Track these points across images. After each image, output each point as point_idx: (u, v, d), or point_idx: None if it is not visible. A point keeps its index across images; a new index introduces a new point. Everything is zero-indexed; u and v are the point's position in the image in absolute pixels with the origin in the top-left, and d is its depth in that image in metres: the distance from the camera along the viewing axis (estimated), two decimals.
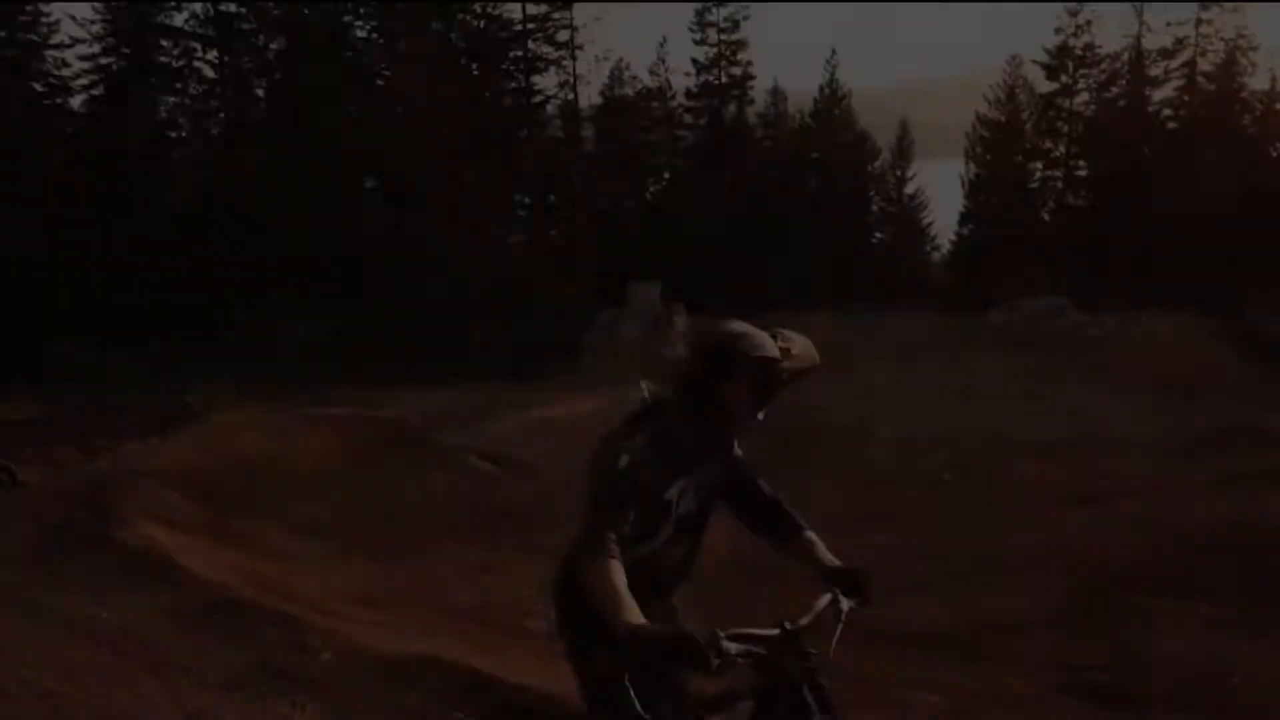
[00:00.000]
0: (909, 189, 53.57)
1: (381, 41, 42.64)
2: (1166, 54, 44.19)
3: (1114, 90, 45.84)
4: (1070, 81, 46.66)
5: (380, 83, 42.33)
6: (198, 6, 43.27)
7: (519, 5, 43.43)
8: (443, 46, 41.43)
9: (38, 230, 38.16)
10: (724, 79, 49.38)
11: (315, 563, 8.14)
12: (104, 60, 43.40)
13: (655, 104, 50.38)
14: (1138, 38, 44.48)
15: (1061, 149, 48.13)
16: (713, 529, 2.95)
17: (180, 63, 44.15)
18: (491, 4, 43.58)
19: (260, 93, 44.75)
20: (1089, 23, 45.41)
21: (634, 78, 50.40)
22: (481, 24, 43.64)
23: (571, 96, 46.63)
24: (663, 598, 2.95)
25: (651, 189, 52.22)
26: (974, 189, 49.76)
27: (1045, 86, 47.57)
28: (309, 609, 6.08)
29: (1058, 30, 46.17)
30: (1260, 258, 41.51)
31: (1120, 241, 44.40)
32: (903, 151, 53.07)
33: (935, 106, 51.16)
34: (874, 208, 54.34)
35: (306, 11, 42.50)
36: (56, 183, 40.48)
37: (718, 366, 2.78)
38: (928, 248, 55.15)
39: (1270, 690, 4.37)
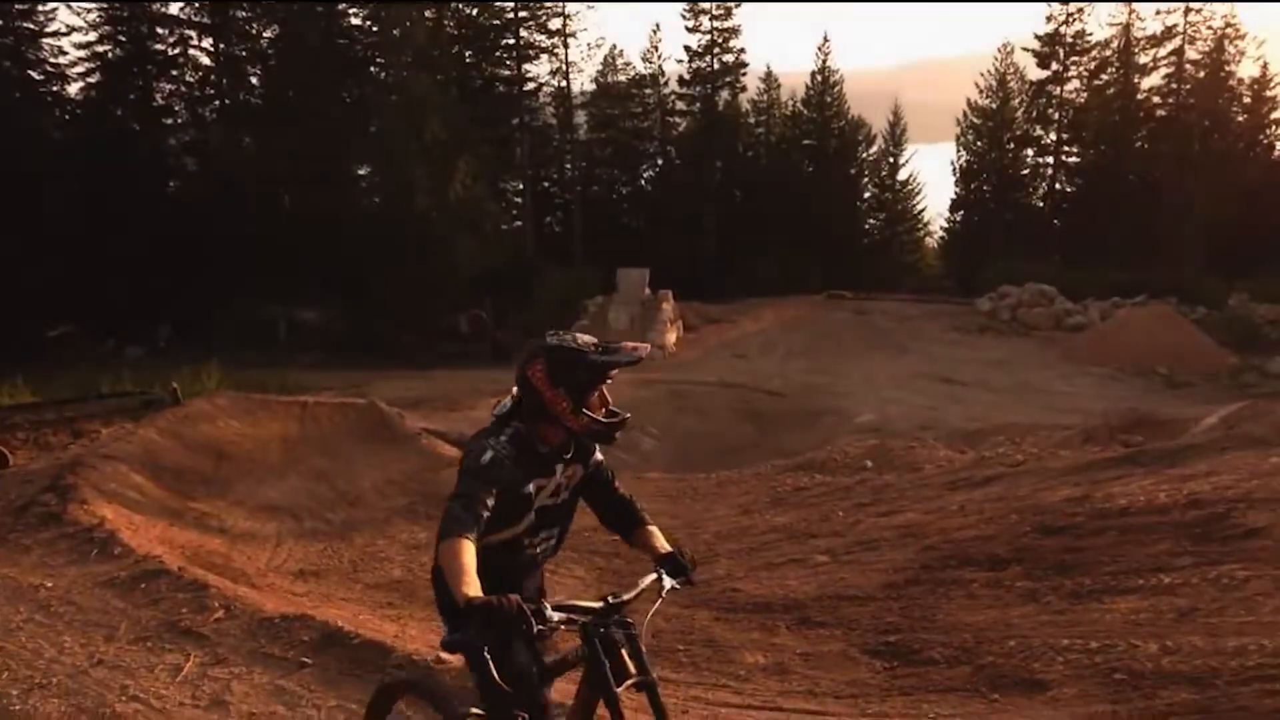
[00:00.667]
0: (902, 175, 53.79)
1: (375, 29, 42.90)
2: (1155, 41, 44.38)
3: (1104, 78, 46.00)
4: (1061, 69, 46.85)
5: (373, 70, 42.68)
6: None
7: None
8: (436, 34, 41.76)
9: (35, 216, 38.57)
10: (716, 66, 49.58)
11: (265, 540, 8.65)
12: (100, 48, 43.77)
13: (648, 91, 50.65)
14: (1127, 25, 44.66)
15: (1052, 136, 48.35)
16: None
17: (175, 50, 44.54)
18: None
19: (255, 80, 45.15)
20: (1080, 10, 45.57)
21: (628, 64, 50.88)
22: (474, 12, 43.97)
23: (564, 84, 46.94)
24: (530, 576, 3.39)
25: (645, 176, 52.50)
26: (965, 176, 50.02)
27: (1037, 73, 47.83)
28: (236, 580, 6.62)
29: (1049, 18, 46.40)
30: (1246, 246, 41.81)
31: (1109, 229, 44.67)
32: (895, 137, 53.22)
33: (940, 87, 51.07)
34: (867, 194, 54.49)
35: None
36: (53, 169, 40.88)
37: (525, 363, 3.21)
38: (920, 234, 55.40)
39: (1037, 650, 4.84)
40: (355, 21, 43.51)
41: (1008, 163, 49.21)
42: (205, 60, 44.88)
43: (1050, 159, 48.73)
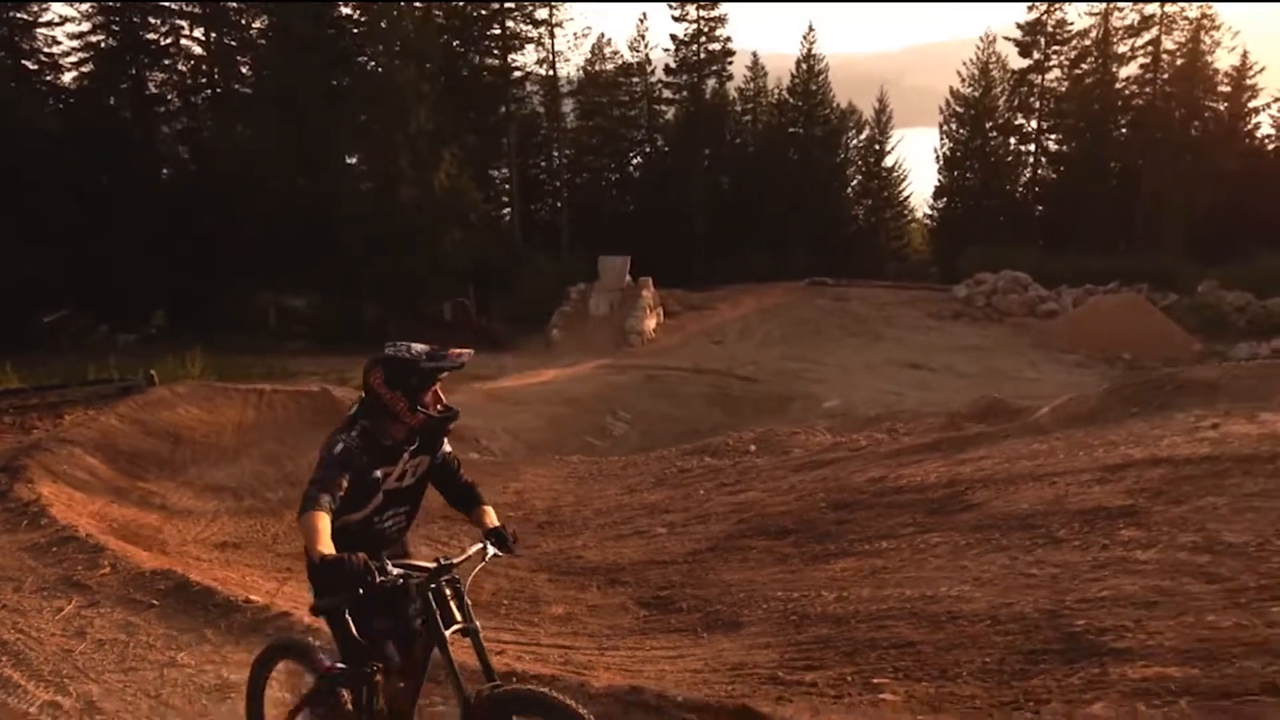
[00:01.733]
0: (889, 161, 54.17)
1: (364, 19, 43.47)
2: (1133, 31, 44.78)
3: (1084, 67, 46.45)
4: (1042, 58, 47.32)
5: (363, 60, 43.25)
6: None
7: None
8: (423, 25, 42.32)
9: (30, 204, 39.25)
10: (703, 55, 50.07)
11: (200, 516, 9.44)
12: (94, 38, 44.35)
13: (635, 79, 51.17)
14: (1106, 15, 45.05)
15: (1034, 124, 48.86)
16: None
17: (168, 40, 45.17)
18: None
19: (245, 69, 45.82)
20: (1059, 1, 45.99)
21: (615, 53, 51.37)
22: (461, 3, 44.55)
23: (550, 73, 47.48)
24: (388, 547, 4.01)
25: (633, 164, 53.09)
26: (948, 164, 50.54)
27: (1019, 62, 48.27)
28: (151, 548, 7.42)
29: (1031, 7, 46.78)
30: (1221, 233, 42.35)
31: (1088, 216, 45.24)
32: (882, 124, 53.60)
33: (945, 71, 50.92)
34: (854, 181, 54.99)
35: None
36: (47, 157, 41.54)
37: (368, 370, 3.93)
38: (907, 220, 55.84)
39: (754, 600, 5.67)
40: (346, 11, 44.26)
41: (990, 150, 49.72)
42: (197, 50, 45.58)
43: (1032, 147, 49.26)
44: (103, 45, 44.44)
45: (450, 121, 38.85)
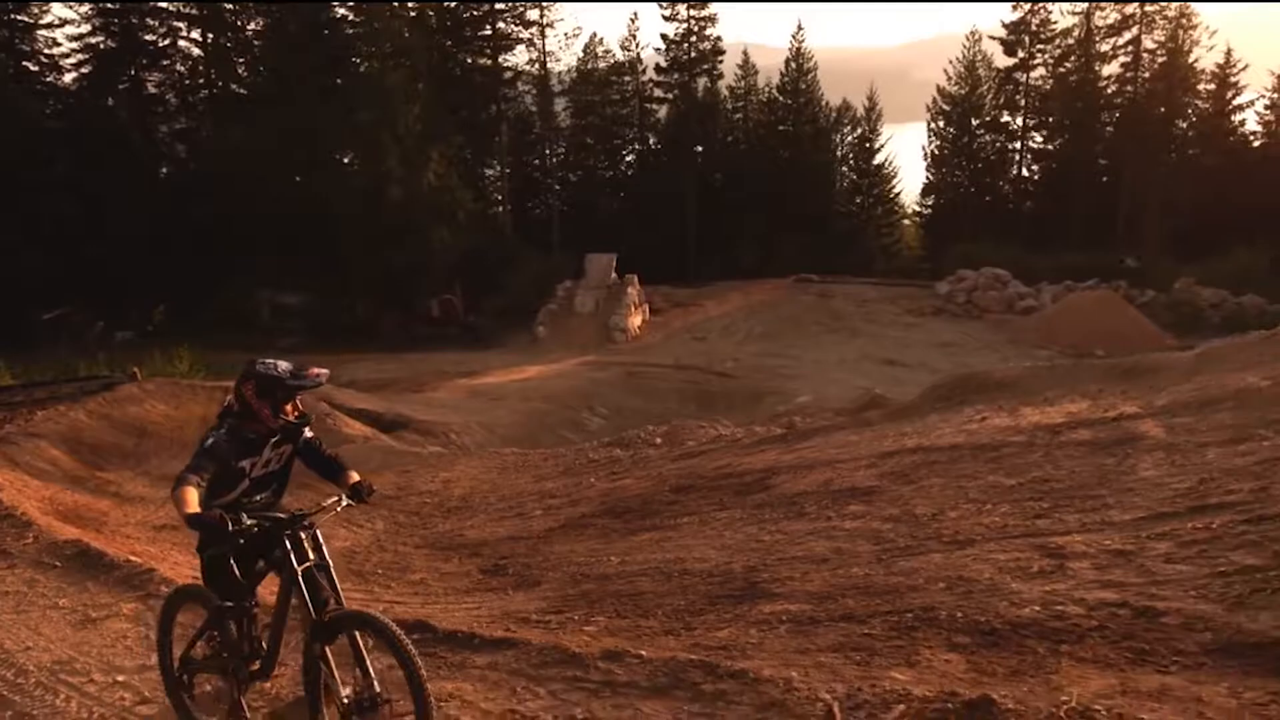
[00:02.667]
0: (879, 158, 54.62)
1: (358, 19, 44.21)
2: (1114, 30, 45.29)
3: (1067, 66, 46.97)
4: (1027, 56, 47.85)
5: (356, 61, 44.01)
6: None
7: None
8: (416, 25, 43.12)
9: (30, 202, 40.10)
10: (693, 54, 50.68)
11: (150, 503, 10.19)
12: (93, 40, 45.23)
13: (627, 78, 51.82)
14: (1088, 14, 45.56)
15: (1019, 122, 49.41)
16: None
17: (165, 41, 46.02)
18: None
19: (242, 70, 46.63)
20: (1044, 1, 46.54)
21: (607, 52, 52.05)
22: (453, 4, 45.31)
23: (542, 73, 48.18)
24: (298, 522, 4.81)
25: (625, 162, 53.74)
26: (936, 161, 51.10)
27: (1004, 61, 48.82)
28: (86, 528, 8.22)
29: (1015, 6, 47.32)
30: (1203, 230, 42.82)
31: (1072, 213, 45.77)
32: (871, 121, 54.00)
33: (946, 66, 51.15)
34: (844, 179, 55.50)
35: None
36: (47, 156, 42.40)
37: (240, 381, 4.68)
38: (897, 216, 56.30)
39: (558, 564, 6.57)
40: (341, 12, 45.04)
41: (977, 148, 50.27)
42: (195, 51, 46.44)
43: (1018, 144, 49.81)
44: (102, 46, 45.32)
45: (440, 121, 39.59)
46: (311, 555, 4.40)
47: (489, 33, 46.41)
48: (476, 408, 26.31)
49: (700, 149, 52.93)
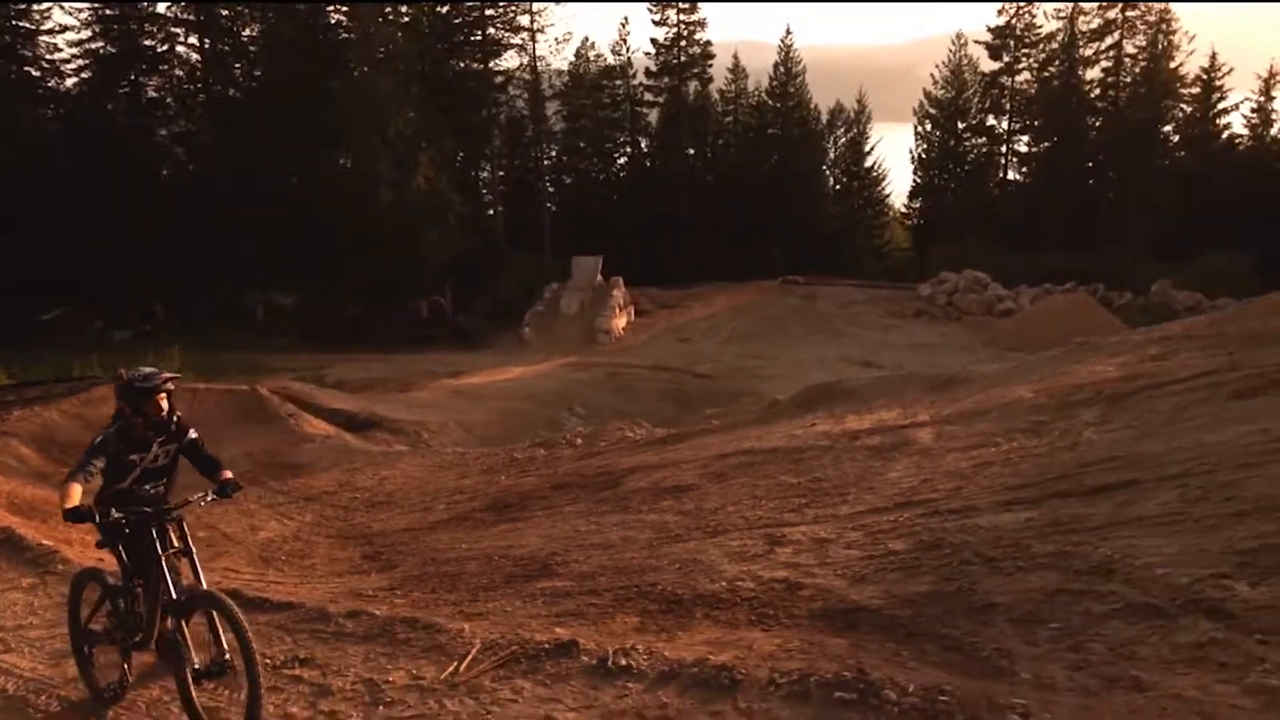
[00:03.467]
0: (869, 161, 55.22)
1: (351, 24, 45.00)
2: (1096, 35, 45.89)
3: (1051, 70, 47.61)
4: (1012, 61, 48.48)
5: (350, 66, 44.80)
6: None
7: None
8: (409, 31, 43.94)
9: (31, 205, 40.92)
10: (683, 58, 51.38)
11: None
12: (93, 45, 46.11)
13: (618, 82, 52.53)
14: (1071, 19, 46.17)
15: (1004, 125, 50.05)
16: None
17: (164, 47, 46.92)
18: None
19: (238, 74, 47.50)
20: (1030, 5, 47.19)
21: (599, 56, 52.75)
22: (444, 10, 46.12)
23: (533, 77, 48.95)
24: (150, 504, 5.52)
25: (617, 164, 54.45)
26: (922, 164, 51.74)
27: (989, 65, 49.46)
28: (32, 518, 9.04)
29: (1000, 11, 47.98)
30: (1184, 233, 43.40)
31: (1056, 216, 46.41)
32: (861, 123, 54.57)
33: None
34: (833, 180, 56.13)
35: None
36: (48, 160, 43.25)
37: (116, 388, 5.47)
38: (887, 218, 56.84)
39: (423, 550, 7.36)
40: (336, 18, 45.89)
41: (963, 151, 50.90)
42: (193, 56, 47.33)
43: (1003, 148, 50.43)
44: (102, 52, 46.20)
45: (431, 125, 40.35)
46: (176, 543, 5.18)
47: (479, 38, 47.18)
48: (457, 407, 27.05)
49: (691, 151, 53.73)
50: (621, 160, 54.40)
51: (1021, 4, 47.27)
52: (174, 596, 5.06)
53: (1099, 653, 4.18)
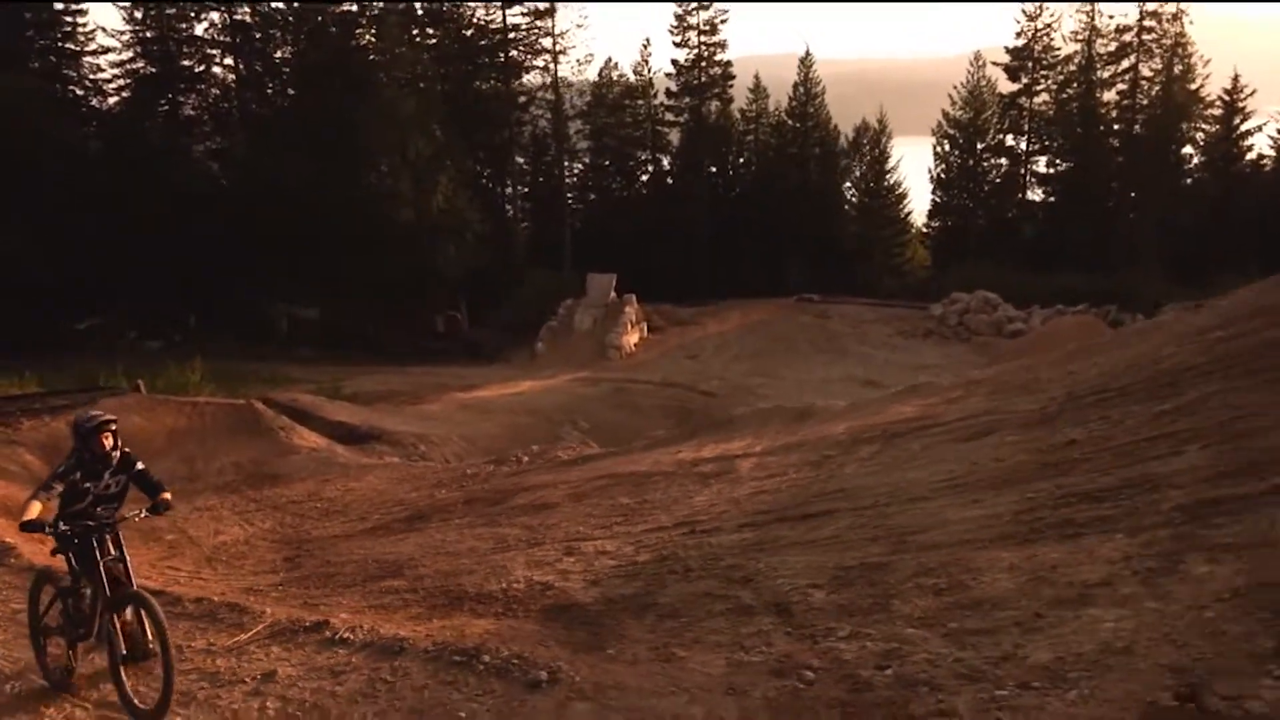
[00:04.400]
0: (889, 179, 55.47)
1: (380, 45, 46.39)
2: (1114, 57, 46.04)
3: (1069, 92, 47.79)
4: (1030, 82, 48.72)
5: (374, 86, 46.18)
6: (215, 16, 47.54)
7: (501, 13, 47.34)
8: (432, 52, 45.27)
9: (71, 216, 42.53)
10: (703, 78, 52.21)
11: None
12: (133, 65, 47.97)
13: (640, 101, 53.46)
14: (1089, 41, 46.36)
15: (1023, 146, 50.24)
16: None
17: (200, 68, 48.68)
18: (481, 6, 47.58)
19: (271, 93, 49.12)
20: (1048, 26, 47.47)
21: (621, 76, 53.71)
22: (469, 32, 47.43)
23: (555, 97, 50.06)
24: (106, 524, 6.54)
25: (638, 183, 55.32)
26: (940, 184, 52.03)
27: (1007, 85, 49.73)
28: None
29: (1019, 33, 48.26)
30: (1203, 255, 43.31)
31: (1073, 237, 46.51)
32: (880, 142, 54.88)
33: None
34: (853, 199, 56.51)
35: (319, 19, 47.16)
36: (87, 174, 44.96)
37: (71, 427, 6.41)
38: (908, 236, 57.04)
39: (339, 555, 8.17)
40: (367, 39, 47.30)
41: (981, 171, 51.17)
42: (228, 76, 49.05)
43: (1022, 168, 50.61)
44: (142, 72, 48.03)
45: (452, 144, 41.52)
46: (112, 551, 6.18)
47: (502, 59, 48.41)
48: (463, 420, 27.95)
49: (714, 169, 54.50)
50: (643, 178, 55.24)
51: (1039, 26, 47.57)
52: (108, 595, 5.99)
53: (685, 638, 5.31)
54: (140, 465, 6.58)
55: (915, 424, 9.73)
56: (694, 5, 51.21)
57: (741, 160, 55.40)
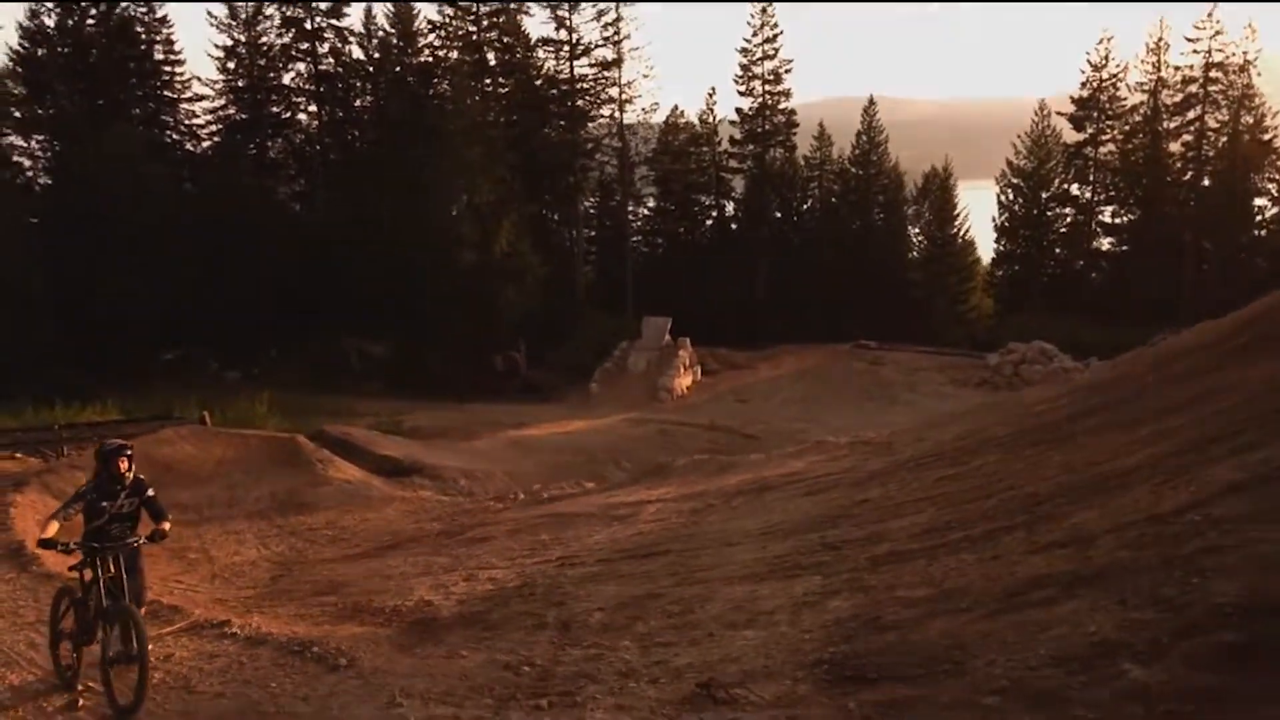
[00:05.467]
0: (952, 228, 55.37)
1: (452, 95, 48.53)
2: (1179, 109, 45.62)
3: (1134, 143, 47.44)
4: (1096, 132, 48.50)
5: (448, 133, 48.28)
6: (301, 66, 50.40)
7: (569, 65, 49.23)
8: (502, 101, 47.24)
9: (162, 253, 45.14)
10: (767, 127, 53.19)
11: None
12: (225, 112, 51.01)
13: (705, 149, 54.63)
14: (1154, 92, 46.04)
15: (1087, 195, 49.89)
16: None
17: (286, 114, 51.51)
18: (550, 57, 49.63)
19: (351, 139, 51.70)
20: (1114, 76, 47.28)
21: (688, 123, 54.94)
22: (538, 82, 49.36)
23: (620, 144, 51.58)
24: (122, 542, 7.70)
25: (703, 227, 56.32)
26: (1004, 232, 51.89)
27: (1073, 135, 49.54)
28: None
29: (1084, 83, 48.13)
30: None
31: (1138, 288, 45.93)
32: (944, 189, 54.86)
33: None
34: (919, 245, 56.52)
35: (397, 69, 49.71)
36: (182, 215, 47.72)
37: (95, 453, 7.59)
38: (972, 284, 56.67)
39: (309, 576, 9.09)
40: (445, 88, 49.55)
41: (1046, 220, 50.91)
42: (312, 123, 51.79)
43: (1086, 218, 50.21)
44: (233, 118, 51.04)
45: (516, 190, 43.21)
46: (112, 569, 7.23)
47: (569, 108, 50.16)
48: (509, 457, 29.00)
49: (779, 215, 55.22)
50: (707, 223, 56.23)
51: (1104, 76, 47.42)
52: (103, 607, 7.08)
53: (481, 643, 6.64)
54: (150, 492, 7.68)
55: (788, 479, 10.62)
56: (759, 55, 52.38)
57: (805, 206, 56.03)
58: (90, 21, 47.56)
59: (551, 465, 28.70)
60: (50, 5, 46.14)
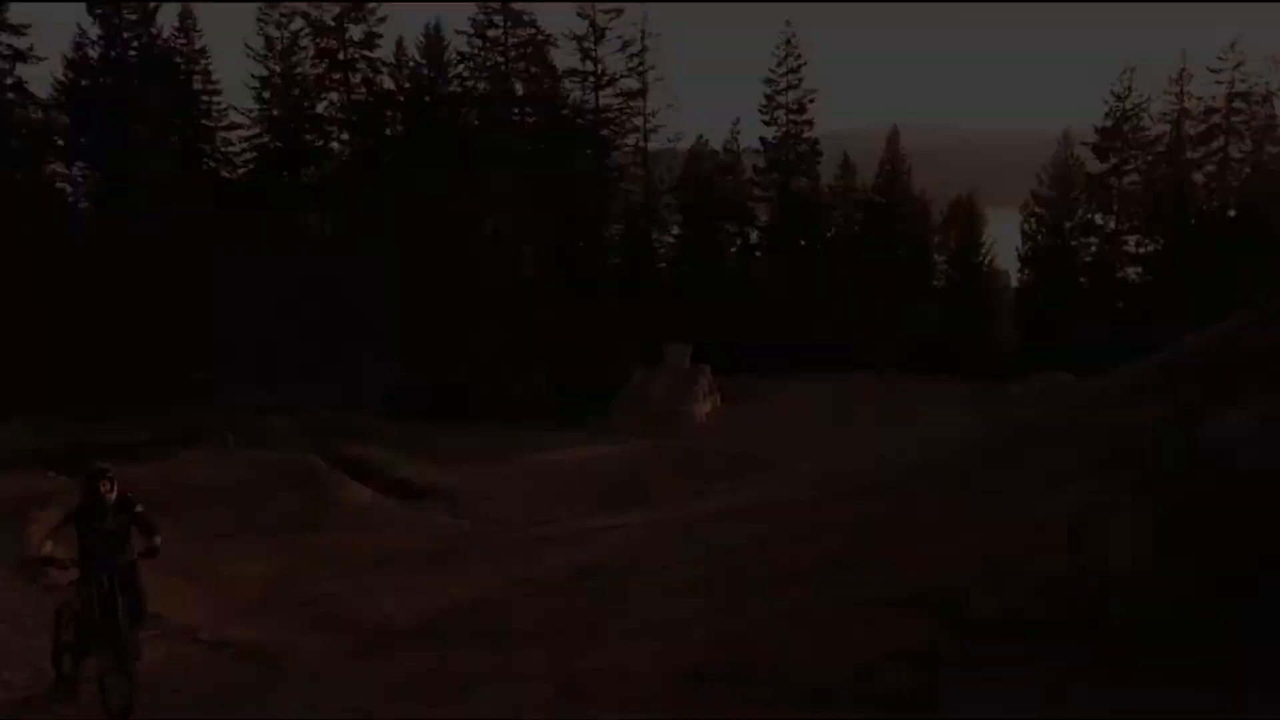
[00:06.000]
0: (978, 257, 55.35)
1: (480, 125, 49.58)
2: (1203, 139, 45.51)
3: (1158, 173, 47.36)
4: (1120, 162, 48.45)
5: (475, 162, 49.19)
6: (335, 96, 51.63)
7: (594, 96, 50.08)
8: (529, 130, 48.15)
9: (195, 277, 46.31)
10: (791, 156, 53.64)
11: None
12: (260, 140, 52.32)
13: (730, 179, 55.14)
14: (1177, 122, 45.98)
15: (1111, 224, 49.76)
16: None
17: (319, 142, 52.73)
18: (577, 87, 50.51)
19: (381, 167, 52.74)
20: (1137, 107, 47.27)
21: (714, 151, 55.52)
22: (565, 111, 50.24)
23: (645, 173, 52.27)
24: (118, 556, 8.24)
25: (727, 255, 56.74)
26: (1028, 262, 51.85)
27: (1096, 165, 49.50)
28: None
29: (1107, 114, 48.15)
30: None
31: (1162, 318, 45.59)
32: (972, 220, 54.98)
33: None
34: (944, 272, 56.53)
35: (427, 99, 50.81)
36: (222, 238, 48.84)
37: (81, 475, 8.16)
38: (993, 315, 56.51)
39: (307, 589, 9.54)
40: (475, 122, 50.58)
41: (1070, 250, 50.80)
42: (345, 150, 52.95)
43: (1110, 247, 50.06)
44: (269, 147, 52.33)
45: (539, 220, 43.96)
46: (105, 586, 7.70)
47: (595, 138, 50.97)
48: (527, 481, 29.35)
49: (803, 243, 55.53)
50: (731, 250, 56.65)
51: (1128, 107, 47.43)
52: (97, 620, 7.60)
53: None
54: (139, 509, 8.19)
55: (713, 510, 11.13)
56: (784, 85, 52.93)
57: (829, 234, 56.29)
58: (132, 53, 49.07)
59: (565, 490, 29.00)
60: (94, 38, 47.78)
